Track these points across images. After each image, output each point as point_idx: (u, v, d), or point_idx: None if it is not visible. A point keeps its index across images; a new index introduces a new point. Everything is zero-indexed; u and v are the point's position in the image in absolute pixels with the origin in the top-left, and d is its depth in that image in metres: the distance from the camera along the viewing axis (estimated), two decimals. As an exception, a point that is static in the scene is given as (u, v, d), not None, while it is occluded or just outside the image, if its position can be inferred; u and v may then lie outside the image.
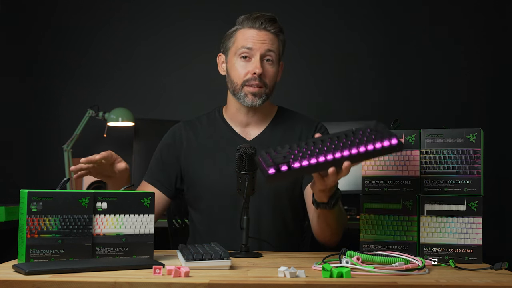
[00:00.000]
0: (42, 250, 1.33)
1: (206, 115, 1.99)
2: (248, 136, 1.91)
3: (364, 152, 1.38)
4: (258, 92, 1.83)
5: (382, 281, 1.20)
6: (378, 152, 1.40)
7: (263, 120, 1.93)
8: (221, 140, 1.90)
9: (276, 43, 1.86)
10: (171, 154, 1.93)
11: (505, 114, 3.68)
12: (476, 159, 1.52)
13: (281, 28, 1.88)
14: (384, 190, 1.57)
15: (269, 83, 1.85)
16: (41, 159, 3.70)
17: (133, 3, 3.85)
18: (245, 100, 1.84)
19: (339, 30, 3.81)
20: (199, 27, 3.83)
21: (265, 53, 1.83)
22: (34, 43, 3.77)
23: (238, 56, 1.85)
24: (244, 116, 1.91)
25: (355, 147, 1.38)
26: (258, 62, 1.81)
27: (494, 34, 3.73)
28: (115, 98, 3.70)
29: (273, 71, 1.85)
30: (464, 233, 1.50)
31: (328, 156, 1.37)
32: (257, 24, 1.84)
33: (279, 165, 1.36)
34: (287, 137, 1.90)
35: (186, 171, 1.91)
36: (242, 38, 1.85)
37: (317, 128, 1.93)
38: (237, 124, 1.92)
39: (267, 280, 1.19)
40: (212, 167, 1.87)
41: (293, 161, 1.36)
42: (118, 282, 1.16)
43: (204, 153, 1.90)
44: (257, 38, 1.83)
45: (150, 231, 1.44)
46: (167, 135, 1.97)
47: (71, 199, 1.36)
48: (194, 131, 1.94)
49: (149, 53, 3.81)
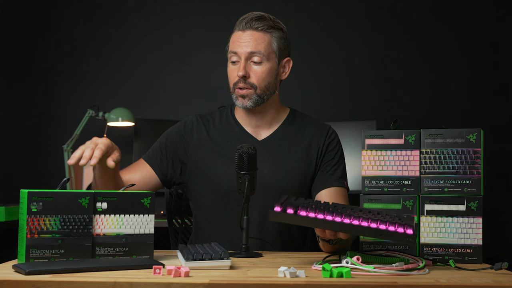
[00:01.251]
0: (42, 250, 1.33)
1: (219, 112, 1.99)
2: (259, 136, 1.91)
3: (373, 228, 1.35)
4: (246, 94, 1.83)
5: (382, 281, 1.20)
6: (387, 235, 1.35)
7: (274, 122, 1.93)
8: (232, 139, 1.89)
9: (265, 41, 1.83)
10: (179, 144, 1.92)
11: (505, 114, 3.68)
12: (476, 159, 1.52)
13: (272, 24, 1.85)
14: (384, 190, 1.57)
15: (258, 83, 1.83)
16: (41, 159, 3.70)
17: (133, 3, 3.85)
18: (237, 103, 1.86)
19: (339, 30, 3.82)
20: (199, 27, 3.83)
21: (249, 55, 1.82)
22: (34, 43, 3.77)
23: (229, 60, 1.87)
24: (252, 118, 1.91)
25: (367, 221, 1.36)
26: (242, 65, 1.82)
27: (494, 34, 3.73)
28: (115, 98, 3.70)
29: (262, 70, 1.83)
30: (464, 233, 1.50)
31: (336, 218, 1.37)
32: (241, 25, 1.84)
33: (287, 207, 1.39)
34: (298, 139, 1.91)
35: (193, 164, 1.90)
36: (231, 42, 1.87)
37: (328, 133, 1.94)
38: (248, 125, 1.93)
39: (267, 280, 1.19)
40: (221, 163, 1.86)
41: (302, 209, 1.39)
42: (118, 282, 1.16)
43: (214, 149, 1.89)
44: (241, 41, 1.83)
45: (150, 231, 1.44)
46: (178, 124, 1.96)
47: (71, 199, 1.36)
48: (206, 126, 1.94)
49: (149, 53, 3.81)
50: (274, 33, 1.86)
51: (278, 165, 1.87)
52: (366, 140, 1.59)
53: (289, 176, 1.86)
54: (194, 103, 3.71)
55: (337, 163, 1.91)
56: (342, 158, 1.94)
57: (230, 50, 1.85)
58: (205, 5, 3.85)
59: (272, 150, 1.89)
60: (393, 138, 1.57)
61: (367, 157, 1.58)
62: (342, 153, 1.95)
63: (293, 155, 1.89)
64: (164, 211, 2.41)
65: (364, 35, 3.80)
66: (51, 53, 3.77)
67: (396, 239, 1.35)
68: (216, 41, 3.79)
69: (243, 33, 1.84)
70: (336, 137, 1.95)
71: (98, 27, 3.81)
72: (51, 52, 3.77)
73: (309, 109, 2.08)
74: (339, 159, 1.92)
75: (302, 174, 1.88)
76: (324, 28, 3.80)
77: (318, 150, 1.90)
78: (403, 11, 3.80)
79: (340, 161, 1.92)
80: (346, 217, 1.37)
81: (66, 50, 3.79)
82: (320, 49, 3.76)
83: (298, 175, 1.87)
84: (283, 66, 1.90)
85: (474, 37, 3.74)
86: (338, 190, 1.88)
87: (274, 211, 1.39)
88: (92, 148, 1.55)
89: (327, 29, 3.81)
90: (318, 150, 1.90)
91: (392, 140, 1.57)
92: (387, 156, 1.57)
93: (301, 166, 1.88)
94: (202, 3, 3.85)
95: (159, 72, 3.81)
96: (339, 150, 1.93)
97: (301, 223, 1.40)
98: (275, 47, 1.86)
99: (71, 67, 3.78)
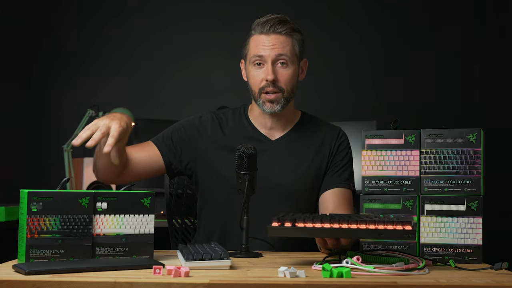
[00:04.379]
0: (42, 250, 1.33)
1: (232, 111, 1.99)
2: (272, 137, 1.92)
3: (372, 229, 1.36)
4: (275, 99, 1.83)
5: (382, 281, 1.20)
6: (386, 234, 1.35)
7: (287, 124, 1.93)
8: (245, 138, 1.89)
9: (289, 44, 1.84)
10: (193, 137, 1.91)
11: (505, 114, 3.68)
12: (476, 159, 1.52)
13: (294, 27, 1.87)
14: (384, 190, 1.57)
15: (286, 86, 1.84)
16: (41, 159, 3.70)
17: (133, 4, 3.85)
18: (264, 108, 1.84)
19: (339, 30, 3.81)
20: (199, 27, 3.83)
21: (276, 58, 1.82)
22: (34, 43, 3.78)
23: (252, 64, 1.85)
24: (268, 120, 1.91)
25: (365, 223, 1.36)
26: (270, 68, 1.81)
27: (494, 34, 3.73)
28: (115, 98, 3.70)
29: (289, 73, 1.84)
30: (464, 233, 1.50)
31: (334, 225, 1.37)
32: (265, 28, 1.83)
33: (285, 221, 1.40)
34: (310, 140, 1.92)
35: (203, 158, 1.89)
36: (254, 46, 1.85)
37: (339, 134, 1.95)
38: (261, 126, 1.93)
39: (267, 280, 1.19)
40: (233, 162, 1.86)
41: (299, 221, 1.39)
42: (118, 282, 1.16)
43: (227, 147, 1.88)
44: (266, 44, 1.82)
45: (150, 231, 1.44)
46: (193, 117, 1.95)
47: (71, 199, 1.36)
48: (221, 124, 1.93)
49: (149, 53, 3.81)
50: (295, 36, 1.87)
51: (291, 165, 1.88)
52: (366, 140, 1.59)
53: (302, 176, 1.87)
54: (194, 103, 3.71)
55: (346, 165, 1.92)
56: (351, 161, 1.95)
57: (254, 54, 1.83)
58: (205, 5, 3.85)
59: (285, 150, 1.90)
60: (393, 138, 1.57)
61: (367, 157, 1.58)
62: (351, 156, 1.96)
63: (305, 156, 1.90)
64: (164, 211, 2.41)
65: (364, 35, 3.80)
66: (51, 53, 3.77)
67: (396, 236, 1.36)
68: (216, 41, 3.81)
69: (268, 37, 1.83)
70: (346, 139, 1.97)
71: (99, 27, 3.81)
72: (51, 52, 3.77)
73: (309, 109, 2.08)
74: (348, 161, 1.93)
75: (314, 174, 1.89)
76: (324, 28, 3.80)
77: (330, 151, 1.92)
78: (404, 11, 3.80)
79: (349, 163, 1.94)
80: (344, 222, 1.37)
81: (66, 50, 3.79)
82: (320, 49, 3.76)
83: (310, 176, 1.89)
84: (301, 67, 1.92)
85: (474, 36, 3.74)
86: (342, 191, 1.89)
87: (272, 227, 1.40)
88: (103, 133, 1.51)
89: (327, 29, 3.81)
90: (329, 151, 1.92)
91: (392, 140, 1.57)
92: (387, 156, 1.57)
93: (313, 166, 1.89)
94: (202, 4, 3.85)
95: (159, 72, 3.80)
96: (348, 152, 1.95)
97: (301, 234, 1.41)
98: (297, 49, 1.88)
99: (71, 67, 3.78)
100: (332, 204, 1.86)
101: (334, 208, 1.85)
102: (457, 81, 3.72)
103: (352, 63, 3.80)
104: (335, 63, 3.80)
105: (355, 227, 1.36)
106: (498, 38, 3.73)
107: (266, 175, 1.82)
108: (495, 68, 3.71)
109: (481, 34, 3.73)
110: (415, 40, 3.78)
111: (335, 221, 1.37)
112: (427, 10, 3.79)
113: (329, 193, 1.88)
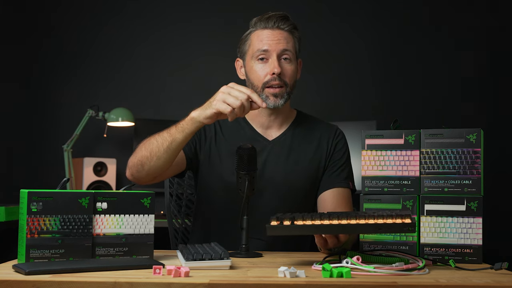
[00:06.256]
0: (42, 250, 1.33)
1: None
2: (270, 137, 1.92)
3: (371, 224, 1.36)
4: (279, 93, 1.83)
5: (382, 281, 1.20)
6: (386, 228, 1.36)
7: (284, 123, 1.93)
8: (243, 138, 1.89)
9: (291, 41, 1.85)
10: (200, 135, 1.91)
11: (505, 114, 3.68)
12: (476, 159, 1.52)
13: (294, 25, 1.87)
14: (384, 190, 1.57)
15: (289, 81, 1.84)
16: (41, 159, 3.70)
17: (133, 4, 3.85)
18: (267, 102, 1.83)
19: (339, 30, 3.82)
20: (199, 27, 3.83)
21: (281, 52, 1.82)
22: (34, 43, 3.78)
23: (255, 59, 1.84)
24: (265, 118, 1.91)
25: (364, 219, 1.37)
26: (276, 62, 1.80)
27: (493, 34, 3.73)
28: (115, 98, 3.70)
29: (292, 69, 1.84)
30: (464, 233, 1.50)
31: (334, 221, 1.37)
32: (269, 24, 1.83)
33: (283, 220, 1.40)
34: (307, 139, 1.92)
35: (206, 157, 1.90)
36: (257, 40, 1.84)
37: (336, 133, 1.95)
38: (258, 126, 1.93)
39: (267, 280, 1.19)
40: (231, 162, 1.86)
41: (298, 219, 1.39)
42: (118, 282, 1.16)
43: (226, 146, 1.89)
44: (271, 38, 1.82)
45: (150, 231, 1.44)
46: None
47: (71, 199, 1.36)
48: (220, 124, 1.94)
49: (149, 53, 3.82)
50: (295, 34, 1.88)
51: (289, 165, 1.88)
52: (366, 140, 1.59)
53: (300, 175, 1.87)
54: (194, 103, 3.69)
55: (344, 164, 1.92)
56: (349, 159, 1.95)
57: (259, 48, 1.82)
58: (205, 5, 3.85)
59: (283, 150, 1.89)
60: (393, 138, 1.57)
61: (367, 157, 1.58)
62: (349, 154, 1.96)
63: (303, 155, 1.90)
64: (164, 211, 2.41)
65: (364, 34, 3.80)
66: (51, 53, 3.77)
67: (396, 230, 1.37)
68: (216, 41, 3.81)
69: (273, 31, 1.83)
70: (344, 137, 1.96)
71: (99, 28, 3.81)
72: (51, 52, 3.77)
73: (309, 109, 2.08)
74: (346, 160, 1.93)
75: (313, 173, 1.89)
76: (324, 28, 3.80)
77: (327, 149, 1.92)
78: (404, 12, 3.80)
79: (347, 161, 1.94)
80: (343, 218, 1.37)
81: (66, 50, 3.79)
82: (320, 49, 3.76)
83: (308, 174, 1.89)
84: (298, 66, 1.92)
85: (474, 37, 3.74)
86: (341, 191, 1.89)
87: (271, 225, 1.40)
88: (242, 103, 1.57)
89: (327, 29, 3.81)
90: (327, 149, 1.92)
91: (392, 140, 1.57)
92: (387, 156, 1.57)
93: (311, 165, 1.89)
94: (202, 4, 3.85)
95: (159, 72, 3.81)
96: (346, 150, 1.95)
97: (300, 232, 1.41)
98: (297, 47, 1.88)
99: (72, 67, 3.78)
100: (331, 204, 1.87)
101: (333, 208, 1.85)
102: (457, 81, 3.72)
103: (352, 63, 3.80)
104: (335, 63, 3.80)
105: (355, 222, 1.36)
106: (498, 37, 3.73)
107: (264, 175, 1.83)
108: (495, 68, 3.71)
109: (481, 34, 3.73)
110: (415, 40, 3.78)
111: (334, 218, 1.37)
112: (427, 10, 3.79)
113: (328, 193, 1.88)
